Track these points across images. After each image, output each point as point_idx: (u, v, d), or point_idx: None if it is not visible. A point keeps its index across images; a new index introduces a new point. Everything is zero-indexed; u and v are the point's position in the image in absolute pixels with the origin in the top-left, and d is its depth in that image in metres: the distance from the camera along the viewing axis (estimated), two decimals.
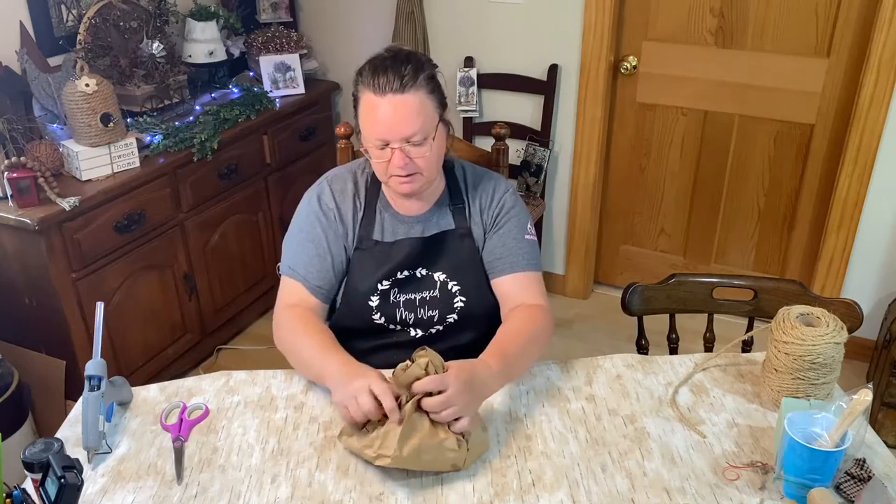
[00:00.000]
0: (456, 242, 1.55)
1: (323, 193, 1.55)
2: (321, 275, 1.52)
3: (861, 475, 1.18)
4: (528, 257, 1.55)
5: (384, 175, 1.45)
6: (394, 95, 1.37)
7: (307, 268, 1.52)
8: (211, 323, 2.90)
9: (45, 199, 2.20)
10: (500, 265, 1.54)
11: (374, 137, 1.40)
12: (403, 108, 1.37)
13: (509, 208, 1.56)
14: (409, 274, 1.54)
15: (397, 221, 1.54)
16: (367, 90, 1.39)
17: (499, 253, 1.54)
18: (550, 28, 2.92)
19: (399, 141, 1.39)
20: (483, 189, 1.57)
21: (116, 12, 2.65)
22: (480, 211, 1.56)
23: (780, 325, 1.33)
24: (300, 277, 1.52)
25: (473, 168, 1.61)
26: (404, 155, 1.39)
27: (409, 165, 1.41)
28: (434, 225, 1.55)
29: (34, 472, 1.10)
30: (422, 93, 1.39)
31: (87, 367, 1.31)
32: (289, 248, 1.56)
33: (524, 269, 1.53)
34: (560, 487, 1.22)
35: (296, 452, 1.30)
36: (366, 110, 1.40)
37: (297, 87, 3.12)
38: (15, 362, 2.35)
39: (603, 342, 3.00)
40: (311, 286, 1.52)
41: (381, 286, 1.53)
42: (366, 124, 1.42)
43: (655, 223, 3.19)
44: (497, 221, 1.55)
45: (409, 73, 1.37)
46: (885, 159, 2.57)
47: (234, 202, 2.87)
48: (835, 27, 2.58)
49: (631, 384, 1.46)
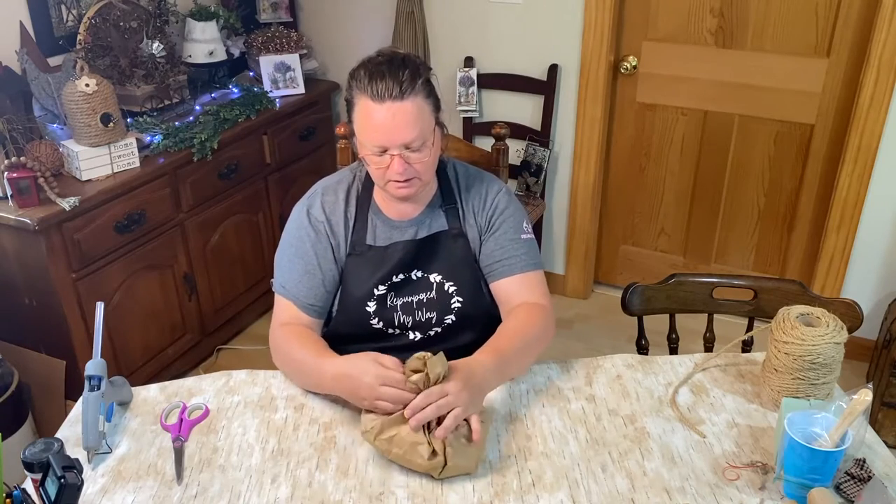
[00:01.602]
0: (450, 243, 1.54)
1: (313, 207, 1.53)
2: (312, 292, 1.51)
3: (861, 475, 1.18)
4: (527, 257, 1.54)
5: (381, 180, 1.44)
6: (392, 102, 1.35)
7: (297, 286, 1.51)
8: (211, 323, 2.90)
9: (45, 199, 2.20)
10: (499, 268, 1.53)
11: (373, 144, 1.39)
12: (402, 115, 1.36)
13: (503, 209, 1.55)
14: (405, 277, 1.53)
15: (389, 227, 1.53)
16: (364, 96, 1.37)
17: (497, 256, 1.53)
18: (550, 28, 2.92)
19: (398, 147, 1.37)
20: (475, 190, 1.56)
21: (116, 12, 2.65)
22: (474, 213, 1.55)
23: (780, 325, 1.33)
24: (291, 296, 1.51)
25: (465, 168, 1.60)
26: (403, 161, 1.38)
27: (408, 171, 1.40)
28: (427, 227, 1.54)
29: (34, 472, 1.10)
30: (419, 98, 1.38)
31: (87, 367, 1.31)
32: (280, 264, 1.54)
33: (523, 270, 1.53)
34: (560, 487, 1.22)
35: (296, 453, 1.30)
36: (363, 116, 1.39)
37: (297, 87, 3.12)
38: (15, 362, 2.35)
39: (603, 342, 3.00)
40: (301, 304, 1.51)
41: (378, 291, 1.52)
42: (363, 130, 1.40)
43: (655, 223, 3.19)
44: (492, 223, 1.54)
45: (407, 78, 1.35)
46: (885, 159, 2.57)
47: (234, 202, 2.87)
48: (835, 27, 2.58)
49: (631, 384, 1.46)
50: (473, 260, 1.55)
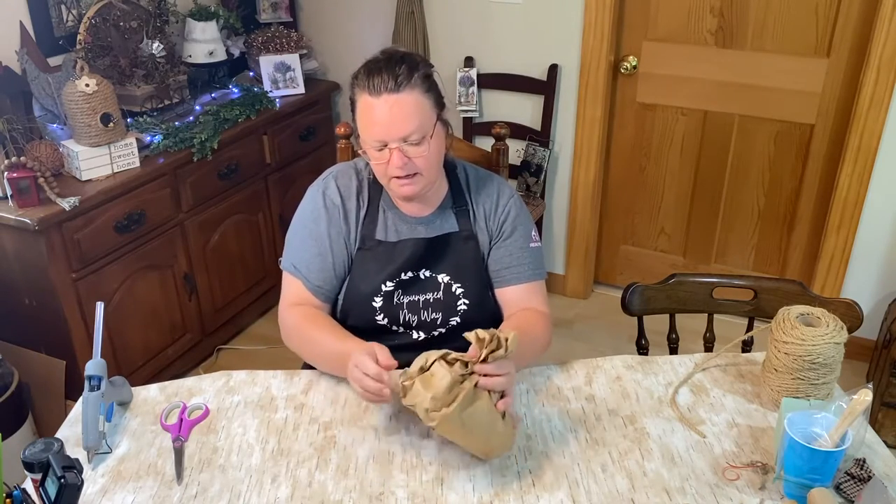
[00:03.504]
0: (460, 245, 1.54)
1: (328, 188, 1.54)
2: (322, 275, 1.52)
3: (861, 475, 1.18)
4: (534, 266, 1.55)
5: (384, 177, 1.45)
6: (389, 95, 1.36)
7: (309, 267, 1.52)
8: (211, 323, 2.90)
9: (45, 199, 2.20)
10: (507, 275, 1.54)
11: (372, 139, 1.40)
12: (399, 108, 1.37)
13: (515, 216, 1.56)
14: (413, 275, 1.53)
15: (401, 221, 1.54)
16: (363, 92, 1.39)
17: (506, 262, 1.54)
18: (550, 28, 2.92)
19: (397, 141, 1.38)
20: (487, 193, 1.57)
21: (116, 12, 2.65)
22: (485, 217, 1.56)
23: (780, 325, 1.33)
24: (301, 276, 1.52)
25: (476, 170, 1.60)
26: (402, 155, 1.39)
27: (409, 165, 1.40)
28: (438, 227, 1.54)
29: (34, 472, 1.10)
30: (417, 92, 1.39)
31: (87, 367, 1.31)
32: (291, 243, 1.55)
33: (529, 280, 1.55)
34: (560, 487, 1.22)
35: (296, 452, 1.30)
36: (362, 112, 1.40)
37: (297, 87, 3.12)
38: (15, 362, 2.35)
39: (603, 342, 3.00)
40: (311, 286, 1.52)
41: (385, 287, 1.52)
42: (363, 126, 1.41)
43: (655, 223, 3.19)
44: (503, 230, 1.55)
45: (404, 72, 1.37)
46: (885, 159, 2.57)
47: (234, 202, 2.87)
48: (835, 27, 2.58)
49: (631, 385, 1.46)
50: (482, 264, 1.56)
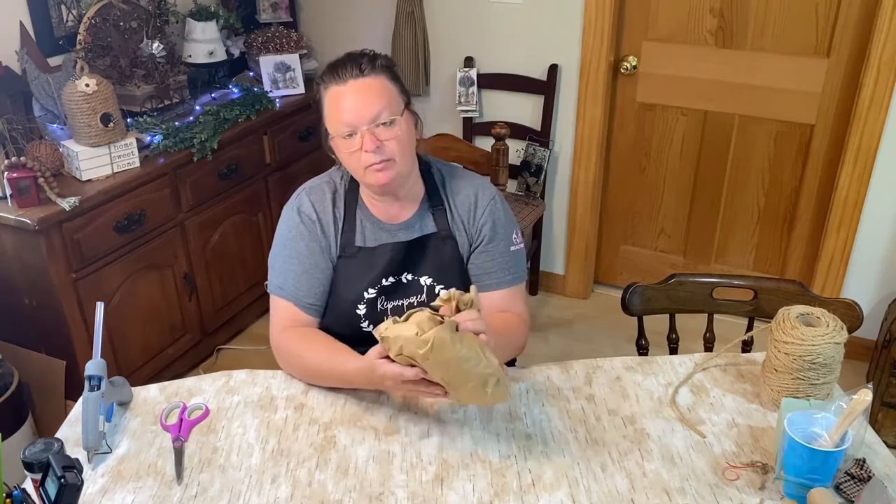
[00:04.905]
0: (439, 245, 1.54)
1: (302, 205, 1.53)
2: (311, 291, 1.51)
3: (861, 475, 1.18)
4: (514, 270, 1.56)
5: (359, 168, 1.44)
6: (355, 80, 1.40)
7: (296, 286, 1.51)
8: (211, 323, 2.90)
9: (45, 199, 2.20)
10: (488, 280, 1.54)
11: (342, 125, 1.41)
12: (366, 90, 1.40)
13: (496, 220, 1.55)
14: (395, 280, 1.53)
15: (378, 228, 1.53)
16: (329, 84, 1.43)
17: (486, 268, 1.54)
18: (550, 28, 2.92)
19: (366, 123, 1.39)
20: (464, 195, 1.56)
21: (116, 12, 2.65)
22: (462, 220, 1.55)
23: (780, 325, 1.33)
24: (290, 296, 1.51)
25: (450, 168, 1.60)
26: (374, 137, 1.39)
27: (381, 150, 1.40)
28: (417, 229, 1.54)
29: (34, 472, 1.10)
30: (382, 77, 1.43)
31: (87, 367, 1.31)
32: (274, 266, 1.54)
33: (510, 285, 1.55)
34: (560, 487, 1.23)
35: (296, 453, 1.31)
36: (330, 103, 1.43)
37: (297, 87, 3.12)
38: (15, 362, 2.35)
39: (603, 342, 3.00)
40: (302, 304, 1.51)
41: (368, 294, 1.52)
42: (332, 117, 1.43)
43: (655, 223, 3.19)
44: (482, 235, 1.54)
45: (367, 61, 1.42)
46: (885, 159, 2.57)
47: (234, 202, 2.87)
48: (835, 27, 2.58)
49: (630, 385, 1.46)
50: (462, 263, 1.56)
